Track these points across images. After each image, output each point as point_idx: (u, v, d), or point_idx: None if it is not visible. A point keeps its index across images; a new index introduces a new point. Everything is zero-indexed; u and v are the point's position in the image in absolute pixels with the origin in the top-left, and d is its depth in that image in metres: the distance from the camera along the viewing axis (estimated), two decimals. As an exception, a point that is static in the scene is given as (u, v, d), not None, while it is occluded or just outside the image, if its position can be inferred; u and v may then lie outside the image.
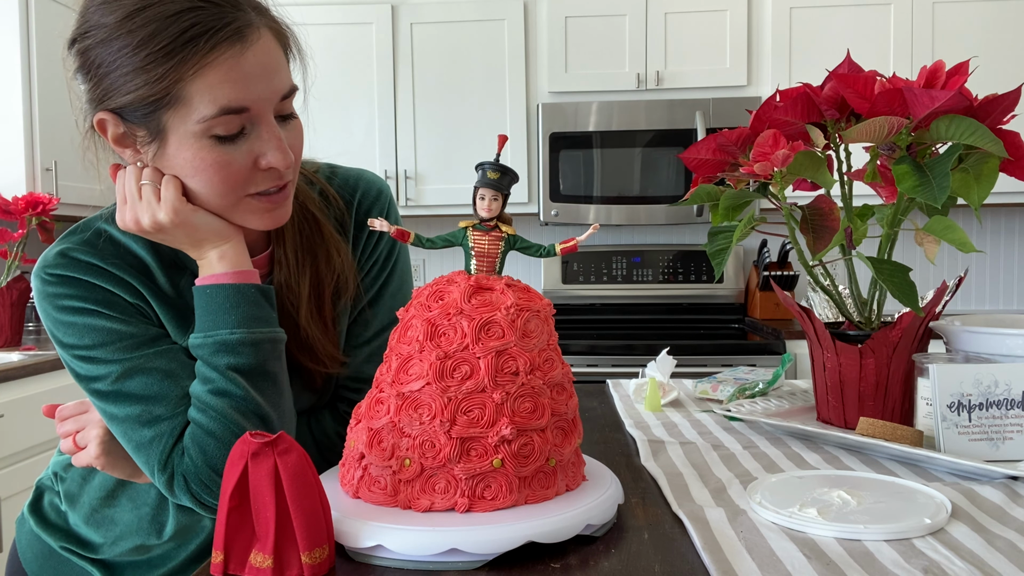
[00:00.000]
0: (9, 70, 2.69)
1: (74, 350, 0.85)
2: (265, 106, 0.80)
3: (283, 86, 0.82)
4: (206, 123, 0.78)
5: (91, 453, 0.90)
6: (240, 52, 0.77)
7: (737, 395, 1.26)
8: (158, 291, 0.89)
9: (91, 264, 0.86)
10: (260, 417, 0.84)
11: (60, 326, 0.85)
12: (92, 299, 0.85)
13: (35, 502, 1.06)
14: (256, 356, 0.85)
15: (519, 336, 0.70)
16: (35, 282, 0.86)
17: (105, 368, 0.84)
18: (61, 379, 2.36)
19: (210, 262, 0.86)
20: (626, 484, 0.86)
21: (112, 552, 1.01)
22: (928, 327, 1.03)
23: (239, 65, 0.77)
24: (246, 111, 0.79)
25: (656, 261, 3.29)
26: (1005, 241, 3.32)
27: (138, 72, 0.76)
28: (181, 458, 0.83)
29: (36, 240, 2.60)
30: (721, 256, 1.05)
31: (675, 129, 2.97)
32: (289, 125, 0.85)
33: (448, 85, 3.07)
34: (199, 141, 0.79)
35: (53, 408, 0.96)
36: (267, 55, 0.80)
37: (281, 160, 0.81)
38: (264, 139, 0.81)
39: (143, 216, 0.83)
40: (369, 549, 0.65)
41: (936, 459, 0.88)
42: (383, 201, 1.04)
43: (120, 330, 0.85)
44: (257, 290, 0.87)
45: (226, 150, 0.80)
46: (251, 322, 0.85)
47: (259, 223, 0.86)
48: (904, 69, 2.86)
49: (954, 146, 0.94)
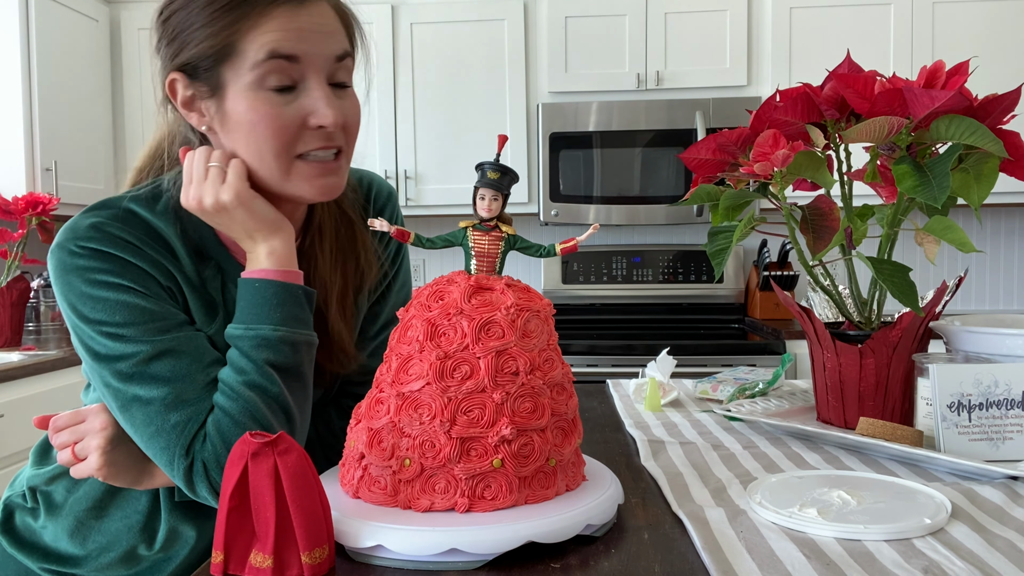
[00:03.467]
0: (9, 70, 2.69)
1: (102, 326, 0.83)
2: (316, 60, 0.83)
3: (337, 47, 0.85)
4: (258, 70, 0.81)
5: (92, 464, 0.87)
6: (296, 10, 0.82)
7: (737, 395, 1.26)
8: (186, 277, 0.89)
9: (127, 241, 0.85)
10: (286, 415, 0.85)
11: (88, 300, 0.83)
12: (127, 276, 0.84)
13: (5, 522, 1.01)
14: (294, 356, 0.86)
15: (519, 336, 0.70)
16: (59, 254, 0.84)
17: (133, 347, 0.83)
18: (61, 379, 2.36)
19: (258, 256, 0.87)
20: (626, 484, 0.85)
21: (97, 565, 0.97)
22: (928, 327, 1.03)
23: (294, 19, 0.82)
24: (296, 60, 0.82)
25: (656, 261, 3.29)
26: (1005, 241, 3.31)
27: (204, 28, 0.82)
28: (203, 444, 0.82)
29: (36, 240, 2.60)
30: (721, 256, 1.05)
31: (675, 129, 2.97)
32: (344, 93, 0.87)
33: (448, 85, 3.07)
34: (253, 92, 0.82)
35: (46, 419, 0.91)
36: (323, 17, 0.84)
37: (330, 117, 0.83)
38: (315, 96, 0.83)
39: (207, 195, 0.85)
40: (369, 549, 0.65)
41: (936, 459, 0.88)
42: (393, 203, 1.07)
43: (153, 310, 0.84)
44: (303, 292, 0.88)
45: (277, 102, 0.83)
46: (293, 322, 0.86)
47: (310, 191, 0.87)
48: (904, 69, 2.86)
49: (954, 146, 0.94)
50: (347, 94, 0.88)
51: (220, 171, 0.85)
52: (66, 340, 2.71)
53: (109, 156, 3.15)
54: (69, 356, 2.40)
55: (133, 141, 3.19)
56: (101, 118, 3.09)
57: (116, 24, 3.17)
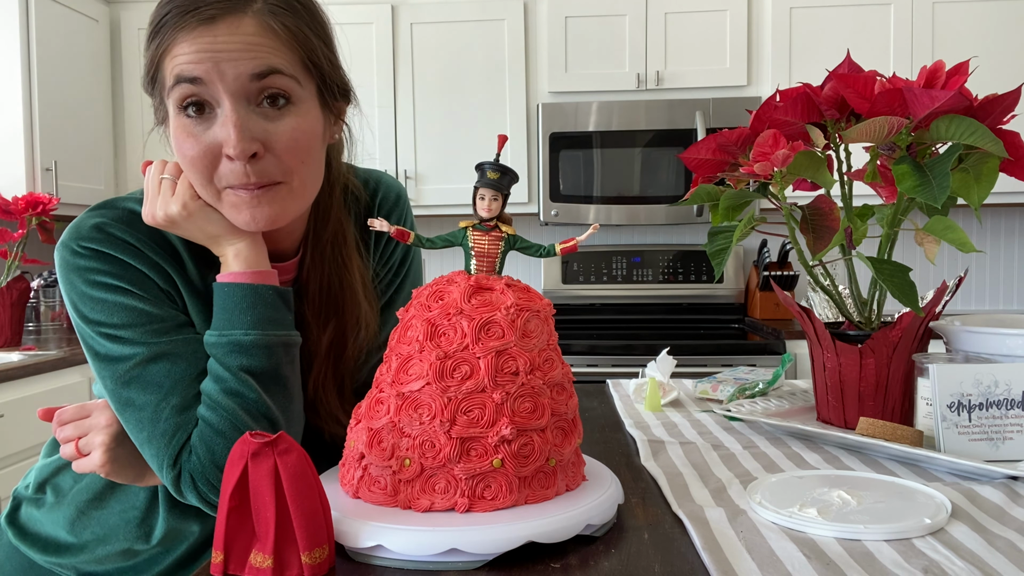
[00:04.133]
0: (9, 70, 2.69)
1: (100, 327, 0.83)
2: (224, 81, 0.78)
3: (253, 65, 0.78)
4: (173, 95, 0.80)
5: (95, 461, 0.88)
6: (203, 30, 0.78)
7: (737, 395, 1.26)
8: (188, 281, 0.89)
9: (128, 243, 0.86)
10: (269, 420, 0.84)
11: (88, 301, 0.84)
12: (126, 278, 0.84)
13: (12, 512, 1.03)
14: (269, 359, 0.85)
15: (519, 336, 0.70)
16: (63, 253, 0.85)
17: (130, 349, 0.83)
18: (61, 379, 2.37)
19: (227, 259, 0.86)
20: (626, 484, 0.85)
21: (94, 556, 0.98)
22: (928, 327, 1.03)
23: (199, 39, 0.78)
24: (200, 82, 0.78)
25: (656, 261, 3.29)
26: (1005, 241, 3.31)
27: (144, 53, 0.83)
28: (189, 456, 0.82)
29: (36, 240, 2.60)
30: (721, 256, 1.05)
31: (675, 129, 2.97)
32: (276, 113, 0.81)
33: (448, 85, 3.07)
34: (176, 118, 0.82)
35: (50, 412, 0.93)
36: (238, 34, 0.78)
37: (231, 143, 0.78)
38: (220, 122, 0.79)
39: (158, 209, 0.84)
40: (369, 549, 0.65)
41: (936, 459, 0.88)
42: (401, 206, 1.05)
43: (151, 312, 0.84)
44: (274, 292, 0.86)
45: (193, 129, 0.80)
46: (266, 324, 0.85)
47: (240, 220, 0.83)
48: (904, 69, 2.86)
49: (954, 146, 0.94)
50: (281, 114, 0.81)
51: (171, 183, 0.85)
52: (66, 340, 2.71)
53: (109, 156, 3.15)
54: (69, 356, 2.40)
55: (133, 141, 3.19)
56: (101, 118, 3.09)
57: (116, 24, 3.17)
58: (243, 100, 0.79)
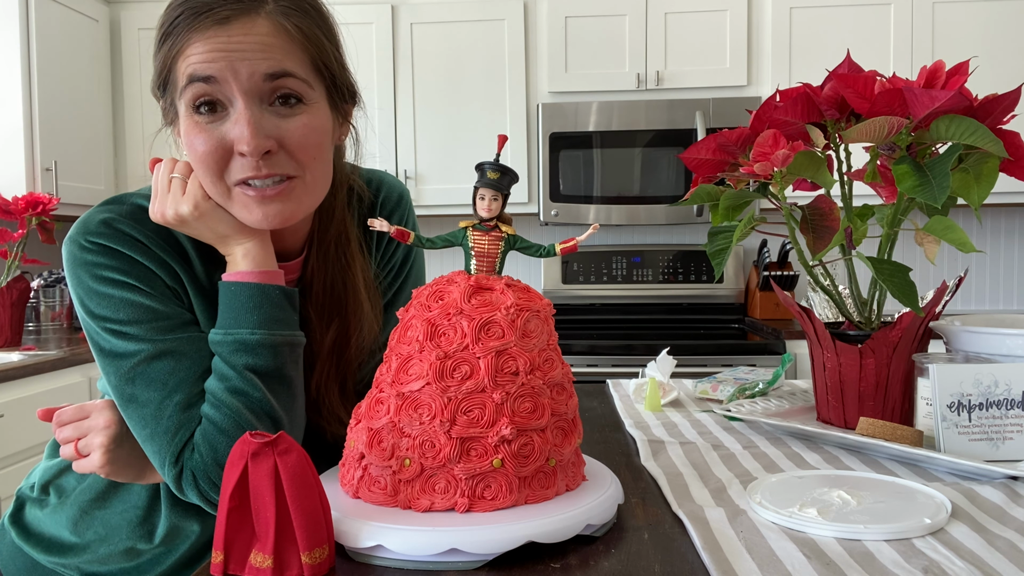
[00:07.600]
0: (9, 70, 2.69)
1: (106, 322, 0.84)
2: (238, 81, 0.79)
3: (268, 65, 0.80)
4: (186, 95, 0.81)
5: (95, 462, 0.88)
6: (218, 30, 0.79)
7: (737, 395, 1.26)
8: (195, 279, 0.89)
9: (135, 239, 0.86)
10: (272, 419, 0.84)
11: (95, 296, 0.84)
12: (133, 274, 0.84)
13: (16, 513, 1.03)
14: (274, 359, 0.85)
15: (519, 336, 0.70)
16: (71, 247, 0.85)
17: (136, 345, 0.83)
18: (61, 379, 2.36)
19: (235, 259, 0.86)
20: (626, 484, 0.85)
21: (96, 556, 0.98)
22: (928, 327, 1.03)
23: (214, 39, 0.79)
24: (214, 81, 0.79)
25: (656, 261, 3.29)
26: (1005, 241, 3.31)
27: (155, 55, 0.84)
28: (191, 454, 0.82)
29: (36, 240, 2.60)
30: (721, 256, 1.05)
31: (675, 129, 2.97)
32: (288, 112, 0.82)
33: (448, 85, 3.07)
34: (188, 117, 0.82)
35: (50, 412, 0.93)
36: (252, 34, 0.80)
37: (244, 140, 0.79)
38: (234, 119, 0.80)
39: (168, 208, 0.85)
40: (369, 549, 0.65)
41: (936, 459, 0.88)
42: (404, 206, 1.04)
43: (157, 309, 0.84)
44: (281, 292, 0.87)
45: (205, 127, 0.81)
46: (272, 324, 0.85)
47: (252, 219, 0.84)
48: (904, 69, 2.86)
49: (954, 146, 0.94)
50: (293, 112, 0.82)
51: (181, 183, 0.85)
52: (66, 340, 2.71)
53: (109, 156, 3.15)
54: (69, 356, 2.40)
55: (133, 141, 3.19)
56: (101, 118, 3.09)
57: (116, 24, 3.17)
58: (256, 99, 0.81)
